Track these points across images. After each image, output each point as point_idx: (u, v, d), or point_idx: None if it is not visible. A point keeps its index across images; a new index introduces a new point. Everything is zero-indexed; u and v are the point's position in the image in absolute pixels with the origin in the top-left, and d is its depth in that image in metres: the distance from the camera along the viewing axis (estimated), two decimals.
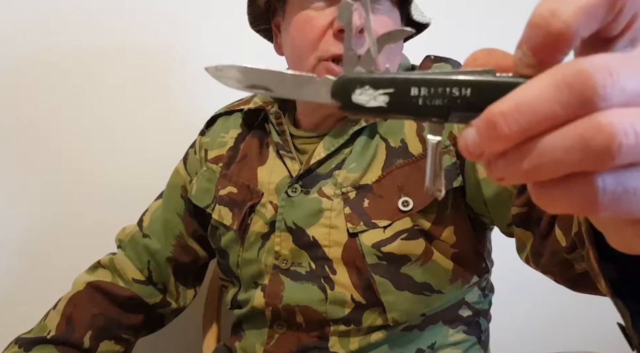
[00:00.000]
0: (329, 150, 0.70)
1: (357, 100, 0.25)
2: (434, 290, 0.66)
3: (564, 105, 0.20)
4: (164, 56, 1.07)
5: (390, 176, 0.67)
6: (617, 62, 0.19)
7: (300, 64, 0.68)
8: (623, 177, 0.20)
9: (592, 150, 0.19)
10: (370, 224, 0.65)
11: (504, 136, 0.21)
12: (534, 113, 0.20)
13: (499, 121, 0.20)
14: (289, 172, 0.72)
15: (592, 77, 0.19)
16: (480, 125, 0.21)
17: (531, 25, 0.21)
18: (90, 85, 1.04)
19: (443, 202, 0.65)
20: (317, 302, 0.67)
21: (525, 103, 0.20)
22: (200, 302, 1.03)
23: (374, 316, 0.66)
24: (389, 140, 0.69)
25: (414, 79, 0.24)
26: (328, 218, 0.67)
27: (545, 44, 0.21)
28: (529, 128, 0.20)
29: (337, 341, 0.68)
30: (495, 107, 0.21)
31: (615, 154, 0.19)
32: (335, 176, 0.69)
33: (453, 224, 0.66)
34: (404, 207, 0.65)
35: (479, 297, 0.73)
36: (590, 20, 0.21)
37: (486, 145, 0.21)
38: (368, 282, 0.65)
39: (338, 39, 0.64)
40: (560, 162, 0.20)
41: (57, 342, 0.74)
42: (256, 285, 0.73)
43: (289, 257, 0.69)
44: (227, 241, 0.75)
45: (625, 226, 0.23)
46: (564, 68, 0.20)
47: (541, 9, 0.21)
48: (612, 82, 0.19)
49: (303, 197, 0.69)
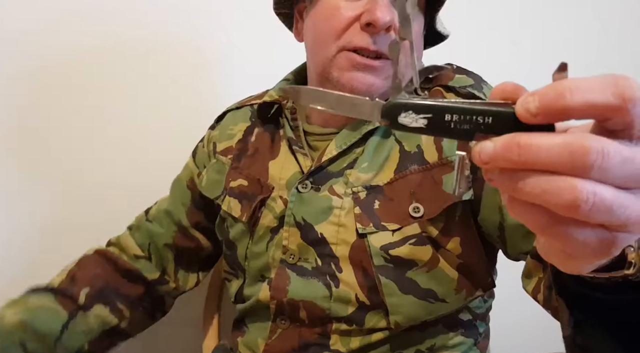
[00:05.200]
0: (340, 148, 0.69)
1: (402, 122, 0.31)
2: (438, 298, 0.66)
3: (562, 161, 0.26)
4: (164, 56, 1.07)
5: (403, 180, 0.67)
6: (613, 150, 0.26)
7: (321, 50, 0.68)
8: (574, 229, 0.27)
9: (560, 200, 0.26)
10: (380, 226, 0.65)
11: (512, 160, 0.27)
12: (540, 155, 0.26)
13: (514, 148, 0.27)
14: (300, 168, 0.72)
15: (590, 154, 0.25)
16: (499, 145, 0.27)
17: (551, 88, 0.27)
18: (91, 86, 1.04)
19: (451, 213, 0.65)
20: (321, 299, 0.67)
21: (539, 145, 0.26)
22: (201, 300, 1.04)
23: (376, 318, 0.66)
24: (403, 143, 0.69)
25: (448, 107, 0.30)
26: (337, 216, 0.67)
27: (550, 107, 0.27)
28: (531, 162, 0.26)
29: (338, 339, 0.68)
30: (518, 137, 0.27)
31: (576, 211, 0.26)
32: (346, 175, 0.69)
33: (459, 236, 0.66)
34: (415, 213, 0.65)
35: (479, 302, 0.73)
36: (591, 112, 0.26)
37: (496, 160, 0.27)
38: (373, 282, 0.65)
39: (365, 31, 0.64)
40: (535, 195, 0.27)
41: (56, 291, 0.77)
42: (263, 278, 0.73)
43: (296, 251, 0.69)
44: (236, 233, 0.75)
45: (563, 256, 0.30)
46: (578, 138, 0.26)
47: (565, 84, 0.26)
48: (600, 163, 0.25)
49: (313, 194, 0.69)
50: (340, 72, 0.66)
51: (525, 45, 1.18)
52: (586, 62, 1.12)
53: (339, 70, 0.66)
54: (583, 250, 0.28)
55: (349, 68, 0.65)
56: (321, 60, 0.68)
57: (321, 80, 0.70)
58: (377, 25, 0.62)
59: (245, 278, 0.76)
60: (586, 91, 0.26)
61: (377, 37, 0.64)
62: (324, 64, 0.68)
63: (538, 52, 1.18)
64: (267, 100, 0.77)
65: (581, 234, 0.27)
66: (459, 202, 0.65)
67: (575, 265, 0.31)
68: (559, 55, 1.13)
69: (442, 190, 0.65)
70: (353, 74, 0.65)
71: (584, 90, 0.26)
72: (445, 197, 0.65)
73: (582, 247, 0.28)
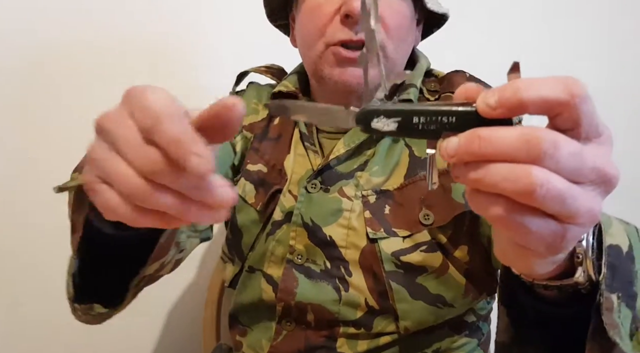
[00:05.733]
0: (349, 146, 0.69)
1: (375, 126, 0.34)
2: (446, 303, 0.66)
3: (518, 150, 0.29)
4: (164, 56, 1.07)
5: (413, 186, 0.67)
6: (563, 141, 0.29)
7: (310, 50, 0.68)
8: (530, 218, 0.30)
9: (517, 186, 0.29)
10: (391, 232, 0.65)
11: (474, 152, 0.30)
12: (499, 145, 0.29)
13: (475, 140, 0.30)
14: (311, 165, 0.71)
15: (543, 144, 0.28)
16: (463, 138, 0.30)
17: (509, 85, 0.30)
18: (92, 87, 1.03)
19: (459, 222, 0.66)
20: (330, 302, 0.67)
21: (497, 136, 0.29)
22: (201, 300, 1.04)
23: (385, 322, 0.67)
24: (413, 148, 0.69)
25: (415, 110, 0.33)
26: (347, 219, 0.67)
27: (507, 101, 0.29)
28: (490, 152, 0.29)
29: (345, 342, 0.68)
30: (478, 131, 0.30)
31: (532, 196, 0.28)
32: (357, 177, 0.68)
33: (467, 245, 0.66)
34: (425, 220, 0.65)
35: (483, 303, 0.74)
36: (543, 106, 0.29)
37: (460, 152, 0.30)
38: (383, 287, 0.65)
39: (345, 24, 0.64)
40: (495, 183, 0.29)
41: None
42: (255, 271, 0.71)
43: (304, 252, 0.68)
44: (245, 220, 0.73)
45: (515, 248, 0.33)
46: (533, 129, 0.29)
47: (521, 81, 0.29)
48: (552, 153, 0.28)
49: (322, 195, 0.68)
50: (330, 68, 0.66)
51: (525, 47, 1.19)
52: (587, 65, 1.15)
53: (329, 66, 0.67)
54: (536, 242, 0.31)
55: (337, 63, 0.66)
56: (312, 60, 0.69)
57: (316, 79, 0.70)
58: (354, 15, 0.63)
59: (243, 267, 0.74)
60: (539, 87, 0.29)
61: (357, 26, 0.64)
62: (315, 62, 0.68)
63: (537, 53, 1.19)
64: (283, 91, 0.76)
65: (535, 224, 0.30)
66: (467, 211, 0.65)
67: (529, 263, 0.33)
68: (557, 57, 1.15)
69: (451, 197, 0.65)
70: (342, 68, 0.66)
71: (537, 86, 0.29)
72: (455, 205, 0.65)
73: (535, 238, 0.30)
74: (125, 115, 0.32)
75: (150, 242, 0.54)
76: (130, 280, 0.57)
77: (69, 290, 0.57)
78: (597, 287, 0.41)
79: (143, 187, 0.31)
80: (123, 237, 0.49)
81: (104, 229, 0.49)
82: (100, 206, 0.33)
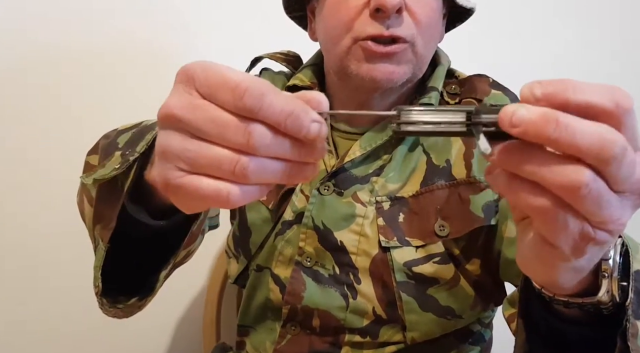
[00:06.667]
0: (365, 149, 0.67)
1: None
2: (455, 315, 0.66)
3: (592, 146, 0.27)
4: (165, 57, 1.05)
5: (429, 195, 0.65)
6: (630, 151, 0.28)
7: (335, 45, 0.65)
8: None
9: (564, 180, 0.28)
10: (404, 241, 0.64)
11: (544, 132, 0.27)
12: (576, 137, 0.27)
13: (552, 122, 0.27)
14: (325, 166, 0.69)
15: (616, 148, 0.27)
16: (536, 114, 0.27)
17: (559, 81, 0.28)
18: (91, 87, 1.02)
19: (475, 235, 0.65)
20: (337, 309, 0.66)
21: (576, 127, 0.27)
22: (201, 300, 1.03)
23: (391, 332, 0.66)
24: (431, 155, 0.67)
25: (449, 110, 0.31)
26: (360, 225, 0.65)
27: (554, 96, 0.28)
28: (563, 141, 0.27)
29: (350, 350, 0.67)
30: (557, 113, 0.27)
31: (575, 193, 0.28)
32: (372, 182, 0.66)
33: (480, 258, 0.65)
34: (440, 231, 0.64)
35: (488, 312, 0.73)
36: (586, 110, 0.28)
37: (527, 125, 0.27)
38: (393, 297, 0.64)
39: (375, 18, 0.61)
40: (543, 172, 0.28)
41: None
42: (260, 269, 0.71)
43: (313, 255, 0.67)
44: (256, 218, 0.72)
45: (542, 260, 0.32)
46: (613, 131, 0.28)
47: (571, 81, 0.28)
48: (620, 159, 0.27)
49: (335, 198, 0.67)
50: (358, 64, 0.63)
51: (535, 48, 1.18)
52: (588, 68, 1.14)
53: (357, 62, 0.63)
54: (565, 240, 0.30)
55: (367, 58, 0.62)
56: (337, 55, 0.65)
57: (340, 76, 0.67)
58: (386, 9, 0.59)
59: (249, 266, 0.73)
60: (587, 92, 0.28)
61: (388, 21, 0.61)
62: (341, 58, 0.64)
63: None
64: (298, 85, 0.72)
65: (572, 221, 0.29)
66: (485, 225, 0.64)
67: (552, 269, 0.33)
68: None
69: (470, 210, 0.64)
70: (371, 64, 0.62)
71: (585, 90, 0.28)
72: (473, 219, 0.64)
73: (565, 236, 0.30)
74: (198, 98, 0.31)
75: (181, 230, 0.53)
76: (160, 269, 0.57)
77: (97, 284, 0.56)
78: (619, 309, 0.41)
79: (252, 164, 0.30)
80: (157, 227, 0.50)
81: (142, 219, 0.50)
82: (202, 197, 0.31)
